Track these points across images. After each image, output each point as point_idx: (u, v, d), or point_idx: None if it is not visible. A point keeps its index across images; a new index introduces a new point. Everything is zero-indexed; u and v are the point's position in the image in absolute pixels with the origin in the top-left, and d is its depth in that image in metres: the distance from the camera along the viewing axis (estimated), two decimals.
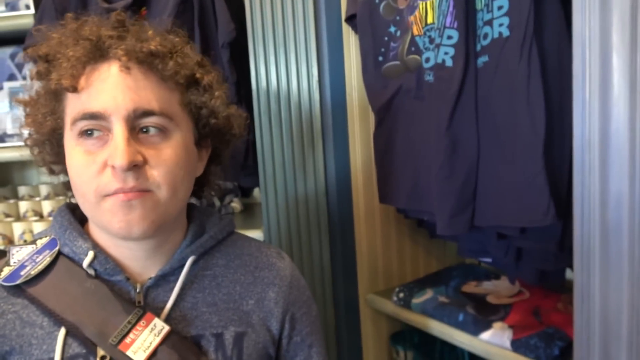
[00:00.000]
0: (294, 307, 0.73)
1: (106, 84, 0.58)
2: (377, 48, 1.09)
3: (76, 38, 0.60)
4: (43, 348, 0.60)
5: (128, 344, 0.59)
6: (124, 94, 0.58)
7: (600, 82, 0.62)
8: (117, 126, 0.57)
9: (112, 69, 0.59)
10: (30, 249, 0.65)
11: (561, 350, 0.85)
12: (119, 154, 0.56)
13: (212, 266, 0.70)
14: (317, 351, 0.75)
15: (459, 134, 0.89)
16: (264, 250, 0.75)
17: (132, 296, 0.64)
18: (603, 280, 0.65)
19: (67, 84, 0.57)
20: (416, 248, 1.34)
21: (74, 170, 0.60)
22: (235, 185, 1.52)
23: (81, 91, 0.58)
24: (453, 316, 1.02)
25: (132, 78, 0.59)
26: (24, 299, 0.62)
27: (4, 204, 1.44)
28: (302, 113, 1.15)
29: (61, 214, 0.68)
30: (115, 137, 0.57)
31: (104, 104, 0.57)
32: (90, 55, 0.59)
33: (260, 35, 1.13)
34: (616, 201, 0.62)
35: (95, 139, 0.59)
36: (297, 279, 0.76)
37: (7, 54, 1.36)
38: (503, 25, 0.81)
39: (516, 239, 0.90)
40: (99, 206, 0.59)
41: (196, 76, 0.64)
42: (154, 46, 0.60)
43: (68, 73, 0.58)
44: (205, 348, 0.64)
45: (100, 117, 0.58)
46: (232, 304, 0.68)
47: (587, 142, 0.64)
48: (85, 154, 0.59)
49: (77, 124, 0.59)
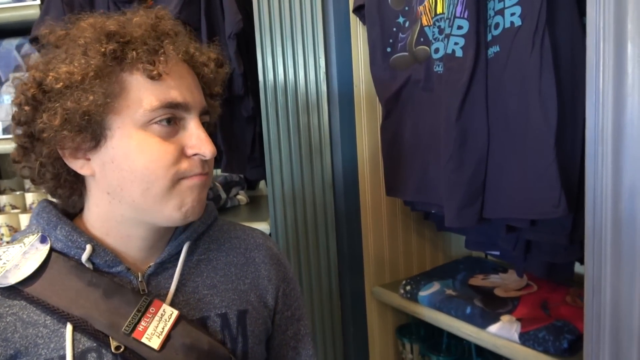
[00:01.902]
0: (283, 284, 0.77)
1: (185, 80, 0.62)
2: (385, 39, 1.08)
3: (159, 30, 0.62)
4: (50, 347, 0.59)
5: (141, 331, 0.60)
6: (197, 91, 0.64)
7: (615, 72, 0.61)
8: (195, 119, 0.62)
9: (186, 66, 0.64)
10: (18, 249, 0.63)
11: (570, 344, 0.85)
12: (207, 145, 0.61)
13: (205, 251, 0.72)
14: (304, 324, 0.80)
15: (469, 125, 0.88)
16: (249, 232, 0.78)
17: (135, 285, 0.64)
18: (614, 273, 0.64)
19: (155, 71, 0.59)
20: (422, 241, 1.33)
21: (145, 157, 0.59)
22: (241, 178, 1.52)
23: (160, 79, 0.60)
24: (461, 309, 1.01)
25: (197, 78, 0.66)
26: (21, 299, 0.60)
27: (11, 196, 1.44)
28: (309, 105, 1.15)
29: (45, 209, 0.65)
30: (196, 129, 0.62)
31: (186, 97, 0.61)
32: (179, 51, 0.62)
33: (267, 26, 1.12)
34: (629, 193, 0.62)
35: (170, 127, 0.61)
36: (283, 257, 0.80)
37: (14, 45, 1.36)
38: (515, 15, 0.80)
39: (526, 231, 0.90)
40: (172, 190, 0.61)
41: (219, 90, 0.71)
42: (215, 55, 0.68)
43: (156, 60, 0.59)
44: (212, 328, 0.67)
45: (182, 107, 0.61)
46: (230, 284, 0.71)
47: (600, 133, 0.63)
48: (160, 141, 0.60)
49: (158, 111, 0.59)
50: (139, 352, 0.60)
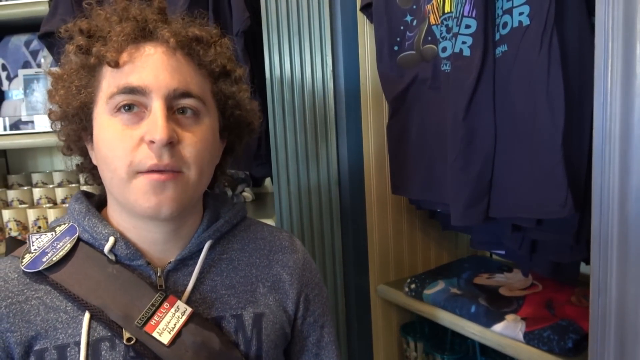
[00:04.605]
0: (307, 289, 0.75)
1: (149, 62, 0.60)
2: (392, 37, 1.08)
3: (122, 17, 0.62)
4: (68, 332, 0.61)
5: (153, 325, 0.61)
6: (167, 72, 0.60)
7: (623, 72, 0.61)
8: (156, 103, 0.59)
9: (156, 49, 0.61)
10: (49, 236, 0.66)
11: (575, 343, 0.85)
12: (158, 129, 0.57)
13: (228, 250, 0.71)
14: (328, 331, 0.77)
15: (476, 124, 0.88)
16: (277, 234, 0.77)
17: (153, 280, 0.65)
18: (620, 273, 0.64)
19: (111, 57, 0.59)
20: (427, 239, 1.33)
21: (107, 145, 0.60)
22: (247, 175, 1.53)
23: (122, 66, 0.60)
24: (465, 308, 1.02)
25: (175, 60, 0.62)
26: (46, 285, 0.63)
27: (18, 191, 1.45)
28: (315, 102, 1.15)
29: (78, 201, 0.69)
30: (155, 113, 0.58)
31: (145, 80, 0.59)
32: (136, 33, 0.61)
33: (274, 24, 1.13)
34: (636, 194, 0.61)
35: (132, 114, 0.60)
36: (309, 261, 0.78)
37: (22, 41, 1.36)
38: (523, 14, 0.80)
39: (532, 230, 0.90)
40: (129, 183, 0.59)
41: (228, 67, 0.68)
42: (198, 32, 0.63)
43: (113, 48, 0.59)
44: (226, 329, 0.66)
45: (140, 92, 0.59)
46: (249, 286, 0.70)
47: (608, 133, 0.63)
48: (121, 129, 0.59)
49: (115, 98, 0.59)
50: (150, 345, 0.60)
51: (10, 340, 0.60)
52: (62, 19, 1.15)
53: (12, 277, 0.63)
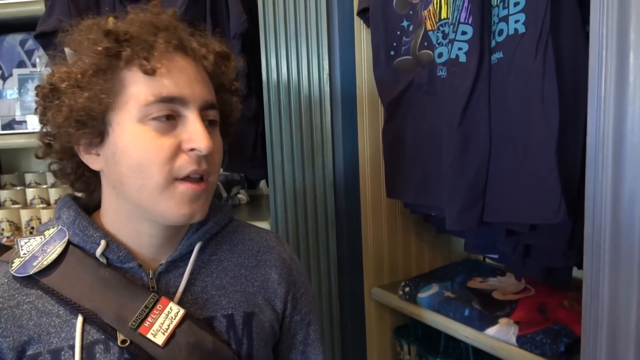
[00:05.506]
0: (294, 288, 0.77)
1: (184, 74, 0.62)
2: (389, 42, 1.09)
3: (157, 26, 0.63)
4: (62, 336, 0.61)
5: (147, 327, 0.61)
6: (200, 84, 0.63)
7: (616, 81, 0.62)
8: (194, 113, 0.61)
9: (186, 60, 0.63)
10: (39, 240, 0.66)
11: (567, 347, 0.86)
12: (203, 139, 0.60)
13: (217, 251, 0.73)
14: (314, 329, 0.80)
15: (471, 130, 0.89)
16: (264, 235, 0.79)
17: (145, 282, 0.65)
18: (612, 278, 0.65)
19: (150, 65, 0.59)
20: (421, 243, 1.34)
21: (141, 152, 0.60)
22: (241, 177, 1.53)
23: (158, 75, 0.60)
24: (459, 311, 1.02)
25: (202, 71, 0.65)
26: (37, 289, 0.63)
27: (11, 191, 1.44)
28: (311, 106, 1.16)
29: (66, 204, 0.68)
30: (194, 123, 0.61)
31: (183, 91, 0.61)
32: (174, 44, 0.62)
33: (272, 27, 1.13)
34: (629, 200, 0.62)
35: (168, 123, 0.60)
36: (296, 261, 0.80)
37: (17, 41, 1.36)
38: (519, 22, 0.81)
39: (526, 235, 0.91)
40: (166, 190, 0.60)
41: (235, 82, 0.72)
42: (218, 47, 0.67)
43: (153, 56, 0.60)
44: (217, 329, 0.67)
45: (178, 101, 0.60)
46: (239, 286, 0.71)
47: (601, 140, 0.64)
48: (155, 136, 0.60)
49: (152, 106, 0.59)
50: (144, 347, 0.61)
51: (3, 345, 0.59)
52: (58, 19, 1.15)
53: (2, 282, 0.63)
